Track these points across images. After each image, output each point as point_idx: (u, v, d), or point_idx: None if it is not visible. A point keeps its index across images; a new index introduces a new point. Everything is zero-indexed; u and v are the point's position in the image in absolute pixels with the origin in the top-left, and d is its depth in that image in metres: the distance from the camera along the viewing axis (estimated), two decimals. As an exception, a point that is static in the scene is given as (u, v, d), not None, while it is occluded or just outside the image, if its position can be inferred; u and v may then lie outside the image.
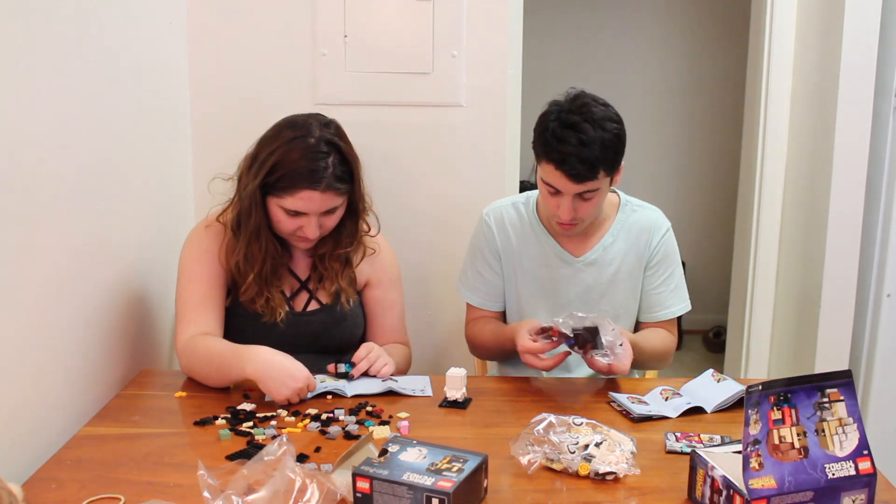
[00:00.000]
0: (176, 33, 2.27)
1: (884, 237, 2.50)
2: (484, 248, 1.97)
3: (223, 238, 1.82)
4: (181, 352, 1.76)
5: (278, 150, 1.73)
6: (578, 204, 1.77)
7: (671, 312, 1.96)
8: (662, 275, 1.94)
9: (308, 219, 1.75)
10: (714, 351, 4.30)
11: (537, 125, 1.79)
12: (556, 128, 1.72)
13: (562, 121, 1.72)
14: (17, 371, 1.43)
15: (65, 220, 1.60)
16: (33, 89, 1.48)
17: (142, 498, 1.25)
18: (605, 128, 1.71)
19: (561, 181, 1.73)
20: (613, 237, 1.93)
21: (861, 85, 2.42)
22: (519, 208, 1.97)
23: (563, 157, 1.70)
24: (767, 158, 2.72)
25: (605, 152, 1.71)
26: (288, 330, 1.83)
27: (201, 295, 1.80)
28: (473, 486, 1.24)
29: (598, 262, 1.92)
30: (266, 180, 1.73)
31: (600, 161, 1.70)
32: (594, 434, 1.39)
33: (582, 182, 1.72)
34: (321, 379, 1.73)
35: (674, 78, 4.48)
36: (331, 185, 1.73)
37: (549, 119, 1.75)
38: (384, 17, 2.34)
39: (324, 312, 1.88)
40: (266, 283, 1.81)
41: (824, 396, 1.20)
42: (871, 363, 2.56)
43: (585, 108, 1.73)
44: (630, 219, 1.94)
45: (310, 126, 1.75)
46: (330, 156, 1.73)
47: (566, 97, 1.78)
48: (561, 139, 1.70)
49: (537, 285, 1.94)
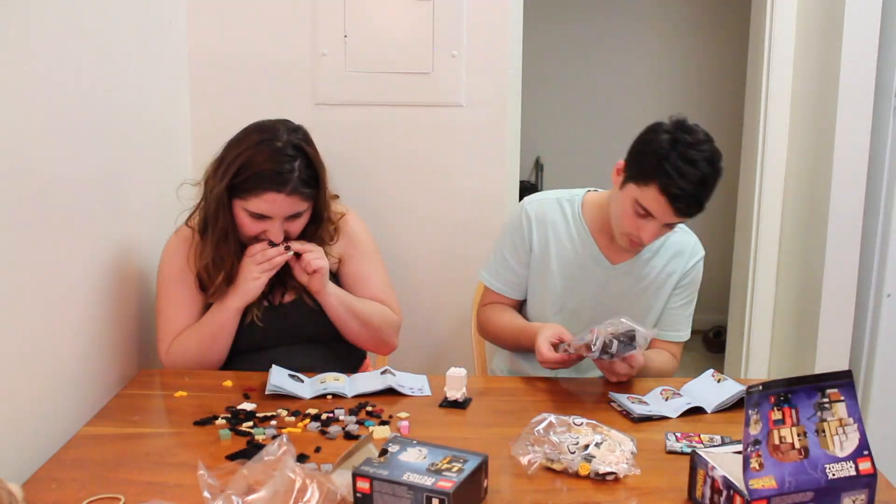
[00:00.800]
0: (176, 33, 2.27)
1: (884, 237, 2.50)
2: (516, 238, 1.96)
3: (191, 242, 1.84)
4: (168, 361, 1.85)
5: (245, 152, 1.73)
6: (663, 230, 1.79)
7: (679, 336, 1.99)
8: (685, 298, 1.98)
9: (272, 223, 1.75)
10: (714, 351, 4.30)
11: (648, 149, 1.72)
12: (677, 160, 1.67)
13: (686, 157, 1.68)
14: (17, 371, 1.43)
15: (64, 221, 1.60)
16: (32, 90, 1.48)
17: (142, 498, 1.25)
18: (717, 168, 1.71)
19: (664, 212, 1.71)
20: (652, 252, 1.93)
21: (861, 85, 2.42)
22: (563, 205, 1.96)
23: (682, 194, 1.67)
24: (767, 158, 2.72)
25: (712, 192, 1.72)
26: (268, 325, 1.84)
27: (177, 301, 1.86)
28: (473, 486, 1.24)
29: (633, 273, 1.93)
30: (232, 182, 1.74)
31: (707, 199, 1.72)
32: (594, 434, 1.39)
33: (683, 217, 1.73)
34: (321, 380, 1.74)
35: (674, 78, 4.47)
36: (296, 189, 1.73)
37: (663, 146, 1.69)
38: (384, 17, 2.34)
39: (299, 302, 1.87)
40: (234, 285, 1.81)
41: (825, 397, 1.20)
42: (871, 363, 2.56)
43: (707, 146, 1.71)
44: (670, 239, 1.94)
45: (277, 130, 1.76)
46: (297, 160, 1.74)
47: (675, 124, 1.74)
48: (683, 175, 1.66)
49: (567, 284, 1.94)
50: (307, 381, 1.74)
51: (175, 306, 1.86)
